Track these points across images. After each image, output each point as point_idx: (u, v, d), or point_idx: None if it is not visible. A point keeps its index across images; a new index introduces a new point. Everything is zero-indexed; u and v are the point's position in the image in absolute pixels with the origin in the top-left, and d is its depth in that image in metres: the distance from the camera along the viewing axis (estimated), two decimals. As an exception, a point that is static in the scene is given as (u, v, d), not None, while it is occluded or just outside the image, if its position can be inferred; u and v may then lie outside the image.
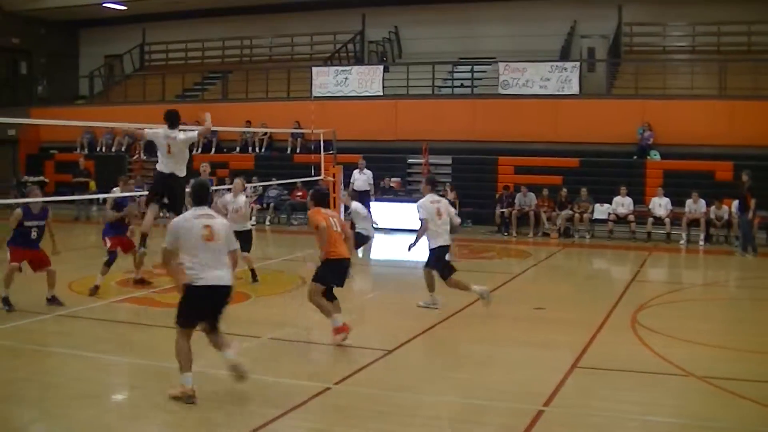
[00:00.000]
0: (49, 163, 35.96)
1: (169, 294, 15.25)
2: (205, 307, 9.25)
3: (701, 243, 24.57)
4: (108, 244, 15.78)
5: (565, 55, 31.92)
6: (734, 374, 10.31)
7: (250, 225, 17.58)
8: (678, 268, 22.24)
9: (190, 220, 9.24)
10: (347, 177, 26.21)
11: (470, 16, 34.65)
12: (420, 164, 29.61)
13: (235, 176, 19.33)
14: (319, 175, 23.89)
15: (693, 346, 11.88)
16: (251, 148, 33.27)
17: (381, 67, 32.96)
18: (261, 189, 29.62)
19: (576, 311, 14.73)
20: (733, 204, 23.66)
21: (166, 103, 35.26)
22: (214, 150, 33.62)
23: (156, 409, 9.01)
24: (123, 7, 39.00)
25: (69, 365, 10.85)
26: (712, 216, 24.47)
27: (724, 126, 26.49)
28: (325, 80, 32.90)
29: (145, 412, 8.96)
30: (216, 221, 9.36)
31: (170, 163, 14.55)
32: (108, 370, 10.68)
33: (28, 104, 38.00)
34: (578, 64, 29.91)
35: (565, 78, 29.37)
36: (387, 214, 27.24)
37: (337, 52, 36.64)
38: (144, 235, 14.92)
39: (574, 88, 29.22)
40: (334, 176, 23.68)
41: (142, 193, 17.00)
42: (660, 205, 25.28)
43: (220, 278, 9.13)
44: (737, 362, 10.95)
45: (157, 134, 14.69)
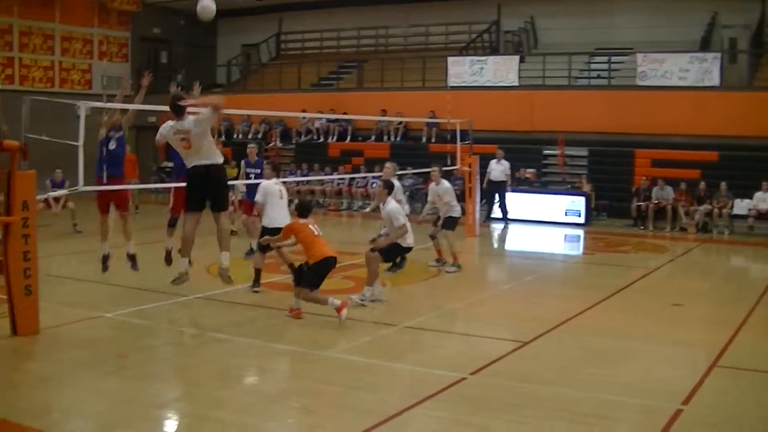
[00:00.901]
0: (187, 148, 36.73)
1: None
2: None
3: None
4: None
5: (705, 46, 31.23)
6: None
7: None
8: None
9: None
10: (483, 168, 26.10)
11: (607, 5, 34.07)
12: (556, 155, 29.38)
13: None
14: (455, 165, 23.86)
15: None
16: (386, 137, 33.43)
17: (517, 57, 32.75)
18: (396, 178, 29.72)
19: (715, 309, 14.45)
20: None
21: (302, 92, 35.83)
22: (349, 138, 33.89)
23: (292, 393, 9.16)
24: (260, -2, 39.61)
25: (206, 347, 11.08)
26: None
27: None
28: (461, 70, 32.82)
29: (281, 396, 9.11)
30: None
31: (195, 157, 11.95)
32: (245, 353, 10.85)
33: (168, 92, 38.70)
34: (719, 55, 29.22)
35: (705, 69, 28.71)
36: (522, 206, 27.19)
37: (472, 42, 36.54)
38: (187, 251, 12.56)
39: (715, 80, 28.55)
40: (470, 166, 23.61)
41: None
42: (799, 201, 24.63)
43: None
44: None
45: (164, 135, 12.35)
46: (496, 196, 27.22)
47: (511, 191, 27.25)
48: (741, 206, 25.51)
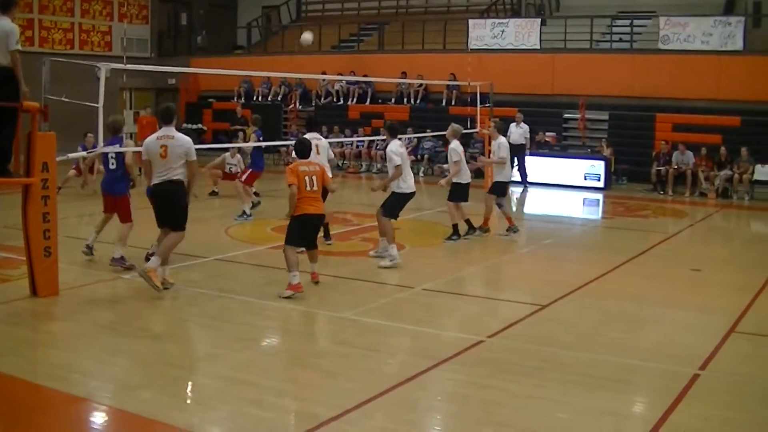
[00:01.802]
0: (208, 111, 36.80)
1: (323, 242, 15.50)
2: None
3: None
4: None
5: (729, 10, 30.97)
6: None
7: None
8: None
9: None
10: (503, 131, 26.02)
11: (630, -32, 33.87)
12: (576, 119, 29.28)
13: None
14: (475, 128, 23.82)
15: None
16: (406, 100, 33.35)
17: (538, 20, 32.52)
18: (416, 140, 29.74)
19: (734, 274, 14.40)
20: None
21: (323, 54, 35.73)
22: (369, 100, 33.85)
23: (311, 355, 9.22)
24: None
25: (226, 308, 11.12)
26: None
27: None
28: (482, 33, 32.64)
29: (301, 357, 9.16)
30: None
31: (164, 170, 11.65)
32: (264, 315, 10.91)
33: (188, 54, 38.91)
34: (743, 18, 28.94)
35: (728, 33, 28.47)
36: (542, 169, 27.14)
37: (493, 5, 36.34)
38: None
39: (738, 44, 28.30)
40: (489, 129, 23.55)
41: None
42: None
43: None
44: None
45: (148, 147, 11.76)
46: (515, 159, 27.16)
47: (531, 155, 27.20)
48: (762, 172, 25.35)
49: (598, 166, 26.72)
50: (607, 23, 32.52)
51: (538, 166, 27.31)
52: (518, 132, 26.87)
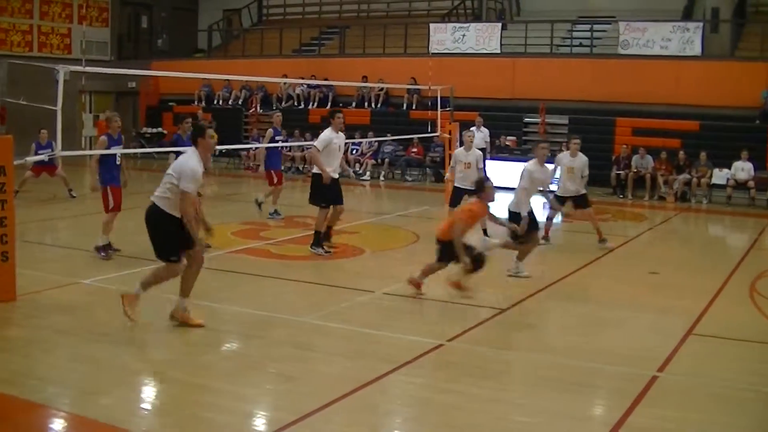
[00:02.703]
0: (168, 115, 36.61)
1: (284, 246, 15.54)
2: None
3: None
4: None
5: (687, 15, 31.27)
6: None
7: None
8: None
9: None
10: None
11: (590, -27, 34.10)
12: (537, 123, 29.41)
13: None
14: (435, 132, 23.88)
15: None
16: (367, 103, 33.34)
17: (499, 24, 32.70)
18: (376, 144, 29.76)
19: (692, 277, 14.51)
20: None
21: (283, 58, 35.67)
22: (330, 104, 33.81)
23: (271, 359, 9.17)
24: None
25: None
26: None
27: None
28: (443, 37, 32.75)
29: (260, 362, 9.13)
30: None
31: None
32: (223, 319, 10.86)
33: (148, 57, 38.74)
34: (701, 24, 29.24)
35: (687, 39, 28.74)
36: (503, 173, 27.19)
37: (454, 9, 36.47)
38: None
39: (697, 50, 28.58)
40: (450, 133, 23.62)
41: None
42: (782, 172, 24.74)
43: None
44: None
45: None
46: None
47: (491, 159, 27.23)
48: (720, 176, 25.61)
49: (559, 170, 26.74)
50: (567, 28, 32.71)
51: (498, 170, 27.34)
52: (479, 136, 26.84)
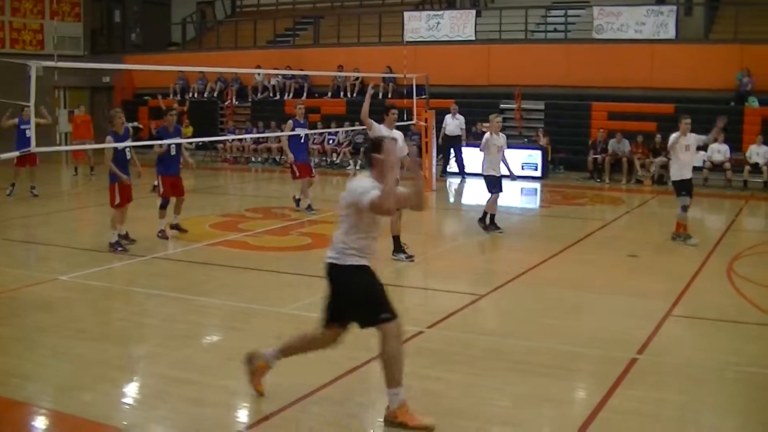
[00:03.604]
0: (143, 109, 36.42)
1: (262, 237, 15.52)
2: None
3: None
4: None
5: (661, -1, 31.34)
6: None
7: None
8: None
9: None
10: (439, 122, 26.11)
11: (564, -42, 34.09)
12: (513, 109, 29.40)
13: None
14: (411, 120, 23.84)
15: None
16: (343, 93, 33.27)
17: (473, 11, 32.68)
18: (352, 133, 29.72)
19: (670, 259, 14.56)
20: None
21: (258, 49, 35.56)
22: (305, 95, 33.73)
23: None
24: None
25: (165, 306, 11.05)
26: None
27: (829, 71, 25.80)
28: (417, 25, 32.69)
29: (240, 353, 9.08)
30: None
31: None
32: (203, 312, 10.84)
33: (122, 52, 38.51)
34: (675, 7, 29.28)
35: (661, 22, 28.78)
36: (479, 160, 27.21)
37: (429, -3, 36.46)
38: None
39: (671, 33, 28.63)
40: (426, 121, 23.61)
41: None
42: (758, 153, 24.76)
43: None
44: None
45: None
46: (452, 150, 27.29)
47: (467, 146, 27.24)
48: (696, 158, 25.63)
49: (535, 156, 26.87)
50: (541, 13, 32.72)
51: (475, 157, 27.36)
52: (454, 123, 27.00)
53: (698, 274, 12.97)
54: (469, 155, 26.47)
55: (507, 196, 22.90)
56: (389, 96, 31.60)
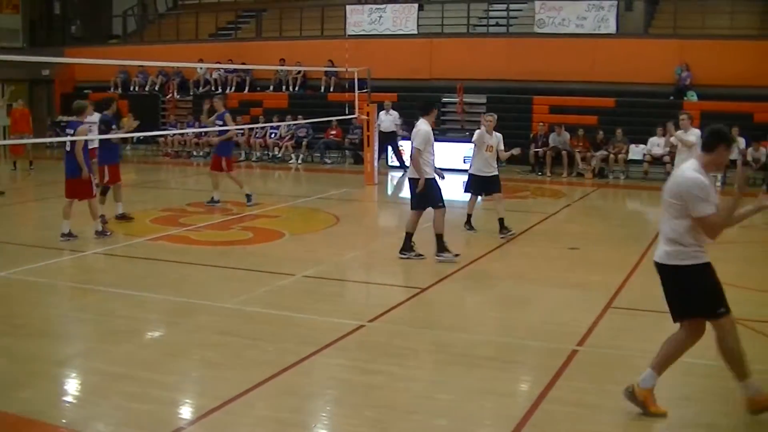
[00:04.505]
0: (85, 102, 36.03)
1: (204, 232, 15.45)
2: None
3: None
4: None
5: (602, -6, 31.56)
6: (769, 316, 10.28)
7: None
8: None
9: None
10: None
11: (507, -48, 34.20)
12: (455, 103, 29.50)
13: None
14: (353, 114, 23.85)
15: (728, 288, 11.76)
16: (285, 87, 33.17)
17: (416, 5, 32.69)
18: (294, 127, 29.66)
19: (610, 252, 14.71)
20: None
21: (200, 42, 35.38)
22: (248, 88, 33.60)
23: (193, 346, 9.09)
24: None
25: (105, 302, 10.94)
26: (749, 158, 24.19)
27: (764, 67, 26.13)
28: (360, 18, 32.68)
29: (182, 349, 9.05)
30: None
31: None
32: (144, 307, 10.76)
33: (62, 44, 38.05)
34: (615, 2, 29.49)
35: (602, 17, 29.05)
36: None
37: (371, -10, 36.41)
38: None
39: (611, 27, 28.90)
40: (368, 115, 23.60)
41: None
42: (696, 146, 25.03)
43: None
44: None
45: None
46: (388, 147, 27.36)
47: (403, 139, 27.41)
48: (636, 151, 25.99)
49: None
50: (483, 7, 32.80)
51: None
52: (388, 119, 26.99)
53: (638, 266, 13.07)
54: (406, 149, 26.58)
55: (450, 189, 23.01)
56: (331, 90, 31.61)
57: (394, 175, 26.16)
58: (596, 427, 7.06)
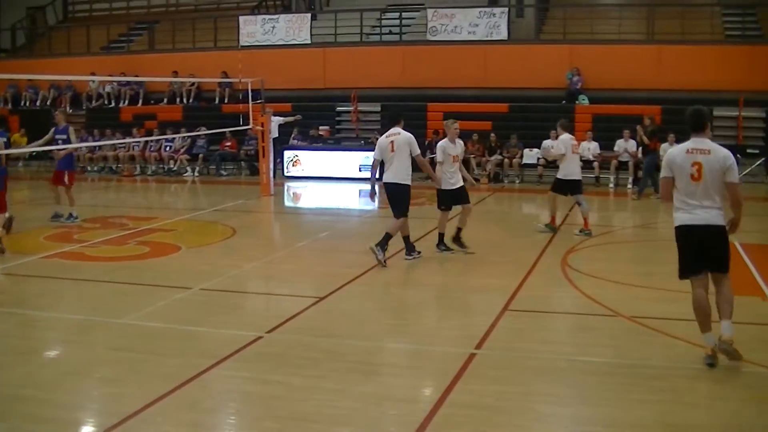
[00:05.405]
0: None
1: (99, 248, 15.26)
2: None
3: (629, 186, 24.97)
4: None
5: (493, 1, 31.97)
6: (663, 314, 10.48)
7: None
8: (607, 212, 22.39)
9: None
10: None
11: (395, -39, 34.47)
12: (349, 112, 29.61)
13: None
14: (248, 125, 23.78)
15: (622, 288, 12.07)
16: (179, 99, 32.96)
17: (309, 14, 32.88)
18: (189, 140, 29.45)
19: (506, 255, 14.90)
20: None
21: (92, 56, 34.90)
22: (141, 101, 33.29)
23: (91, 364, 8.96)
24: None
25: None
26: (640, 156, 24.68)
27: (651, 70, 26.80)
28: (253, 29, 32.66)
29: (80, 367, 8.91)
30: None
31: None
32: (40, 326, 10.58)
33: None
34: (507, 9, 30.00)
35: (493, 24, 29.45)
36: (317, 163, 27.36)
37: (264, 1, 36.36)
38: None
39: (503, 34, 29.33)
40: (262, 125, 23.54)
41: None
42: (589, 149, 25.46)
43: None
44: (665, 302, 11.04)
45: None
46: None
47: (306, 149, 27.50)
48: (530, 156, 26.38)
49: (372, 158, 27.02)
50: (376, 16, 33.02)
51: (313, 160, 27.53)
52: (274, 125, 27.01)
53: (534, 269, 13.30)
54: (308, 159, 26.69)
55: (346, 198, 23.04)
56: (225, 101, 31.49)
57: (291, 186, 26.15)
58: (496, 429, 7.14)
